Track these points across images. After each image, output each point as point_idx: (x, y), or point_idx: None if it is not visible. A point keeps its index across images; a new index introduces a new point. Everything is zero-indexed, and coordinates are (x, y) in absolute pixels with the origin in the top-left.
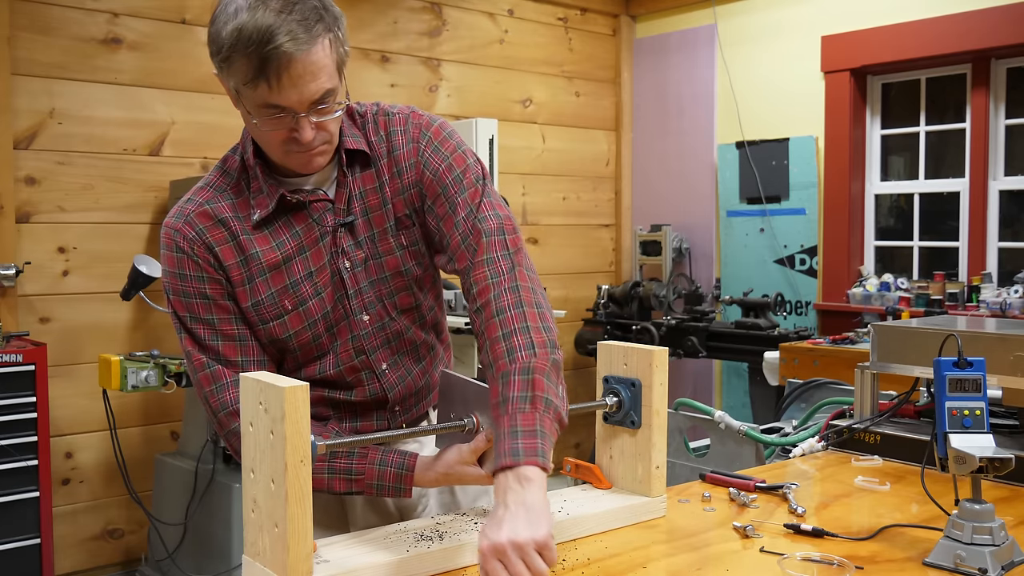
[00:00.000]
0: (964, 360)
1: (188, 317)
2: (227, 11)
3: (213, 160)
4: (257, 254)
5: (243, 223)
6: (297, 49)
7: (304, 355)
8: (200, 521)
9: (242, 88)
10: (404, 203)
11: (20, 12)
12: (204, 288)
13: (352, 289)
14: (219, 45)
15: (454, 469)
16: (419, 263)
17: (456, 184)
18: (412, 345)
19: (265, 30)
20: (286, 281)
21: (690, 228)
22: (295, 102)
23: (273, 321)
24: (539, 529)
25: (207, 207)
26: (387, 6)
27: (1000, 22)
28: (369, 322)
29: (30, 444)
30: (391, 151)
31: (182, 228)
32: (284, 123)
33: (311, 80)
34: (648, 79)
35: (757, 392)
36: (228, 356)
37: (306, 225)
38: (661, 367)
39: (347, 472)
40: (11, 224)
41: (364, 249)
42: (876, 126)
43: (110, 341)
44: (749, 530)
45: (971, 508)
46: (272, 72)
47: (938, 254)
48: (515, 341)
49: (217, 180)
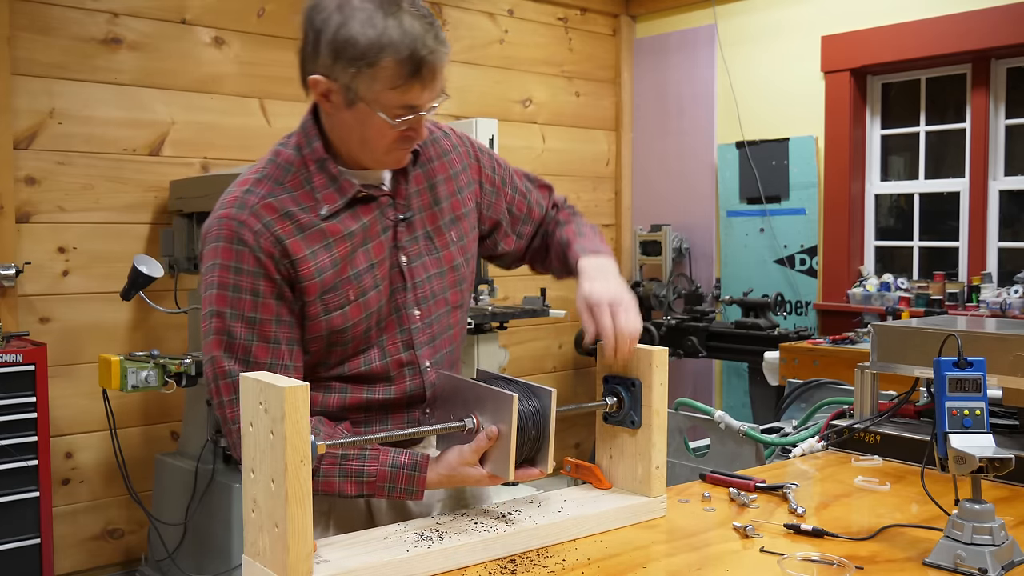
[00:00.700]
0: (964, 360)
1: (228, 312)
2: (356, 17)
3: (213, 160)
4: (330, 244)
5: (308, 215)
6: (442, 53)
7: (354, 347)
8: (200, 521)
9: (382, 92)
10: (459, 202)
11: (20, 12)
12: (258, 284)
13: (409, 283)
14: (359, 50)
15: (456, 470)
16: (467, 261)
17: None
18: (451, 344)
19: (418, 33)
20: (350, 272)
21: (690, 228)
22: (426, 101)
23: (336, 311)
24: (622, 296)
25: (271, 200)
26: None
27: (1000, 22)
28: (420, 317)
29: (30, 444)
30: (441, 155)
31: (247, 220)
32: (409, 123)
33: (441, 83)
34: (648, 79)
35: (757, 392)
36: (258, 357)
37: (371, 218)
38: (661, 367)
39: (359, 475)
40: (11, 224)
41: (420, 244)
42: (876, 126)
43: (110, 341)
44: (749, 530)
45: (971, 508)
46: (427, 75)
47: (938, 254)
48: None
49: (273, 172)
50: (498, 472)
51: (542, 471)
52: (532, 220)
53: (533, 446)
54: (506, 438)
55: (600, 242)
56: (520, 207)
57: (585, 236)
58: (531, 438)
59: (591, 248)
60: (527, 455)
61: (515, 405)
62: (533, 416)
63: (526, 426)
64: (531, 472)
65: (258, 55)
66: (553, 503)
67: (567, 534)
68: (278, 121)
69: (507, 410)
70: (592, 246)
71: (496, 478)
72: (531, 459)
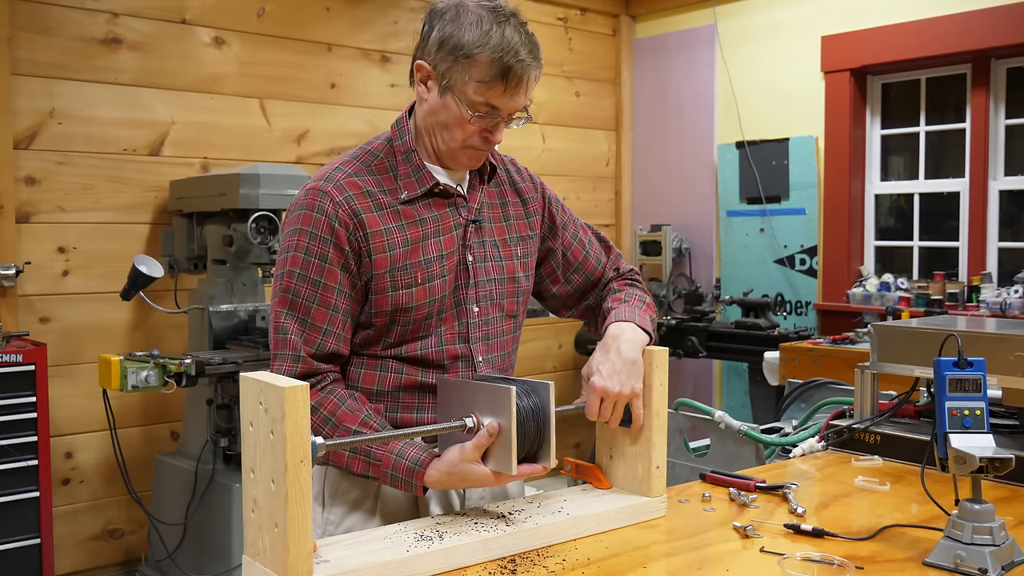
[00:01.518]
0: (964, 360)
1: (298, 273)
2: (469, 17)
3: (213, 160)
4: (403, 226)
5: (387, 197)
6: (531, 67)
7: (413, 331)
8: (200, 521)
9: (470, 83)
10: (527, 225)
11: (20, 12)
12: (328, 251)
13: (472, 280)
14: (461, 43)
15: (457, 467)
16: (527, 276)
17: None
18: (504, 351)
19: (516, 43)
20: (421, 257)
21: (690, 228)
22: (508, 107)
23: (403, 290)
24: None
25: (355, 179)
26: (387, 6)
27: (1000, 22)
28: (478, 314)
29: (30, 444)
30: (512, 184)
31: (331, 191)
32: (487, 122)
33: (525, 93)
34: (648, 79)
35: (757, 392)
36: (316, 319)
37: (444, 212)
38: (661, 367)
39: (367, 455)
40: (11, 224)
41: (487, 249)
42: (876, 126)
43: (110, 341)
44: (749, 530)
45: (971, 508)
46: (511, 79)
47: (938, 254)
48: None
49: (363, 157)
50: (501, 468)
51: (545, 467)
52: (585, 271)
53: (534, 441)
54: (507, 433)
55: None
56: (576, 254)
57: (628, 303)
58: (532, 433)
59: (625, 315)
60: (529, 451)
61: (512, 398)
62: (532, 411)
63: (526, 420)
64: (534, 468)
65: (258, 55)
66: (553, 503)
67: (567, 534)
68: (278, 121)
69: (506, 405)
70: (627, 314)
71: (500, 476)
72: (533, 455)
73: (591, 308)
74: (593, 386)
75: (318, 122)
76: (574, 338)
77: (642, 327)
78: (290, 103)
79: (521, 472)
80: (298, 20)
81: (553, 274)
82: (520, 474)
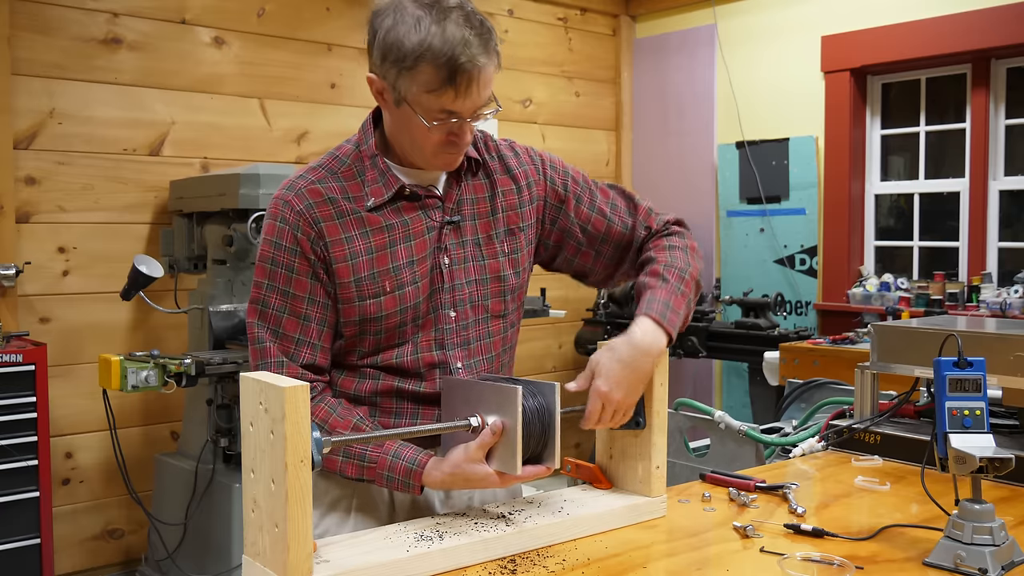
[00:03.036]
0: (964, 360)
1: (266, 284)
2: (405, 21)
3: (213, 160)
4: (366, 233)
5: (352, 204)
6: (482, 64)
7: (387, 339)
8: (200, 521)
9: (420, 94)
10: (518, 216)
11: (20, 12)
12: (294, 261)
13: (447, 284)
14: (403, 52)
15: (461, 467)
16: (516, 272)
17: (587, 192)
18: (489, 354)
19: (457, 43)
20: (389, 264)
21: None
22: (467, 109)
23: (370, 299)
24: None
25: (318, 185)
26: None
27: (1000, 22)
28: (455, 319)
29: (30, 444)
30: (506, 169)
31: (291, 200)
32: (451, 127)
33: (484, 90)
34: (648, 79)
35: (757, 392)
36: (287, 331)
37: (414, 216)
38: (661, 367)
39: (360, 458)
40: (11, 224)
41: (467, 249)
42: (876, 126)
43: (110, 341)
44: (749, 530)
45: (971, 508)
46: (461, 83)
47: (938, 254)
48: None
49: (330, 163)
50: (505, 468)
51: (549, 467)
52: (612, 240)
53: (539, 442)
54: (511, 433)
55: (676, 298)
56: (597, 225)
57: (666, 284)
58: (537, 433)
59: (656, 310)
60: (534, 451)
61: (519, 397)
62: (538, 411)
63: (531, 420)
64: (538, 469)
65: (258, 55)
66: (553, 503)
67: (567, 534)
68: (278, 121)
69: (511, 404)
70: (659, 305)
71: (505, 477)
72: (538, 456)
73: (631, 277)
74: (597, 389)
75: (318, 122)
76: (574, 338)
77: (664, 325)
78: (290, 103)
79: (526, 473)
80: (298, 20)
81: (579, 251)
82: (525, 475)
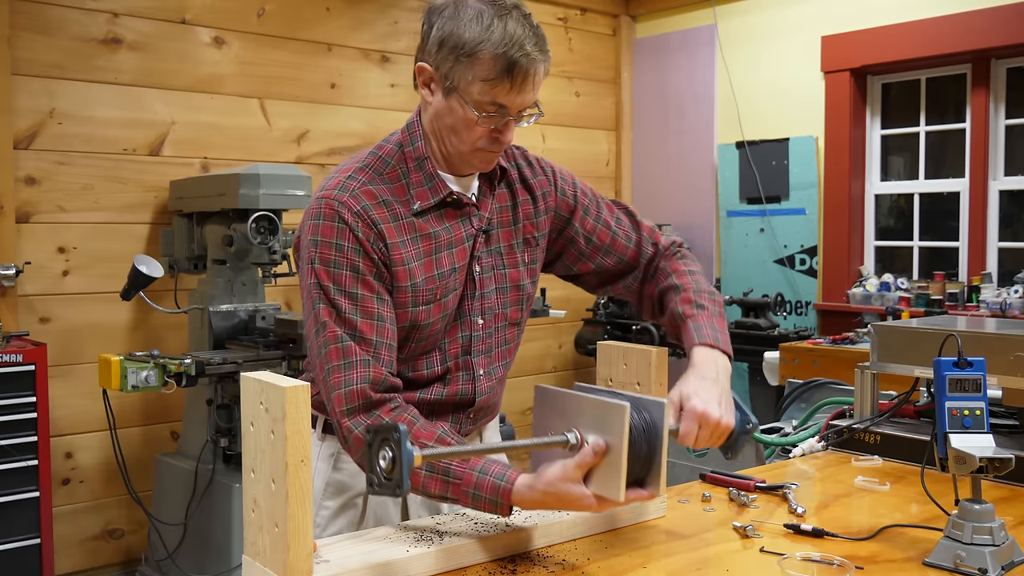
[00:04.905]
0: (964, 360)
1: (332, 288)
2: (467, 14)
3: (213, 160)
4: (416, 238)
5: (402, 207)
6: (538, 60)
7: (423, 347)
8: (200, 521)
9: (475, 83)
10: (534, 226)
11: (20, 12)
12: (358, 262)
13: (479, 291)
14: (462, 41)
15: (556, 486)
16: (532, 282)
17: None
18: (504, 359)
19: (517, 39)
20: (435, 271)
21: (690, 228)
22: (516, 105)
23: (423, 306)
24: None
25: (371, 187)
26: (387, 6)
27: (1000, 22)
28: (483, 326)
29: (30, 444)
30: (523, 179)
31: (348, 201)
32: (495, 122)
33: (533, 89)
34: (648, 79)
35: (757, 392)
36: (364, 333)
37: (455, 224)
38: (661, 367)
39: (445, 473)
40: (11, 224)
41: (493, 258)
42: (876, 126)
43: (110, 341)
44: (749, 530)
45: (971, 508)
46: (517, 76)
47: (938, 254)
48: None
49: (375, 163)
50: (607, 493)
51: (652, 493)
52: (615, 252)
53: (643, 465)
54: (616, 454)
55: (718, 321)
56: (602, 237)
57: (704, 311)
58: (643, 455)
59: (708, 335)
60: (636, 475)
61: (627, 417)
62: (644, 431)
63: (637, 441)
64: (640, 494)
65: (258, 55)
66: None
67: (567, 534)
68: (278, 121)
69: (617, 423)
70: (709, 331)
71: (604, 502)
72: (640, 480)
73: (633, 290)
74: (694, 409)
75: (318, 122)
76: (574, 338)
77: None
78: (290, 103)
79: (629, 498)
80: (298, 20)
81: (579, 260)
82: (627, 500)
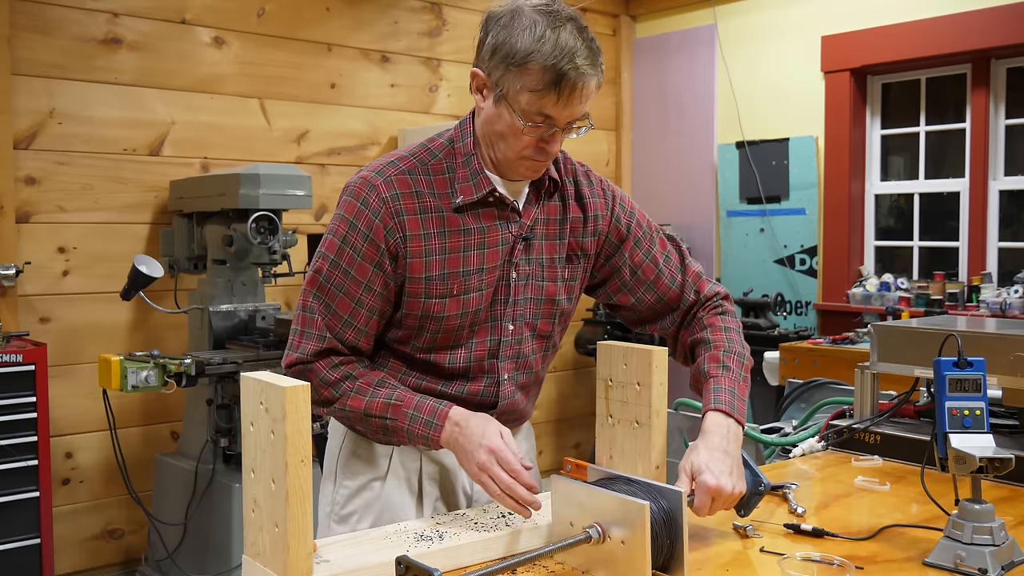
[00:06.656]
0: (964, 360)
1: (332, 259)
2: (521, 23)
3: (213, 160)
4: (444, 233)
5: (437, 201)
6: (587, 75)
7: (443, 339)
8: (200, 521)
9: (523, 92)
10: (579, 244)
11: (20, 12)
12: (362, 245)
13: (512, 298)
14: (514, 50)
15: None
16: (569, 298)
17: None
18: (530, 370)
19: (570, 49)
20: (460, 268)
21: (690, 228)
22: (563, 117)
23: (436, 299)
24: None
25: (407, 176)
26: (387, 6)
27: (1000, 22)
28: (512, 332)
29: (30, 444)
30: (579, 196)
31: (380, 186)
32: (542, 132)
33: (582, 102)
34: (648, 79)
35: (757, 392)
36: (339, 309)
37: (492, 225)
38: (661, 367)
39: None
40: (11, 224)
41: (531, 267)
42: (876, 126)
43: (110, 341)
44: (749, 530)
45: (971, 508)
46: (565, 88)
47: (938, 254)
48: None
49: (421, 154)
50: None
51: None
52: (657, 291)
53: (667, 554)
54: (640, 549)
55: (740, 386)
56: (647, 272)
57: (728, 373)
58: (664, 548)
59: (724, 400)
60: (659, 564)
61: (647, 515)
62: (664, 523)
63: (659, 535)
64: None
65: (258, 55)
66: None
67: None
68: (278, 121)
69: (638, 520)
70: (727, 395)
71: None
72: (664, 567)
73: (670, 333)
74: (706, 484)
75: (318, 122)
76: (574, 338)
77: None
78: (290, 103)
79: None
80: (298, 20)
81: (621, 291)
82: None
